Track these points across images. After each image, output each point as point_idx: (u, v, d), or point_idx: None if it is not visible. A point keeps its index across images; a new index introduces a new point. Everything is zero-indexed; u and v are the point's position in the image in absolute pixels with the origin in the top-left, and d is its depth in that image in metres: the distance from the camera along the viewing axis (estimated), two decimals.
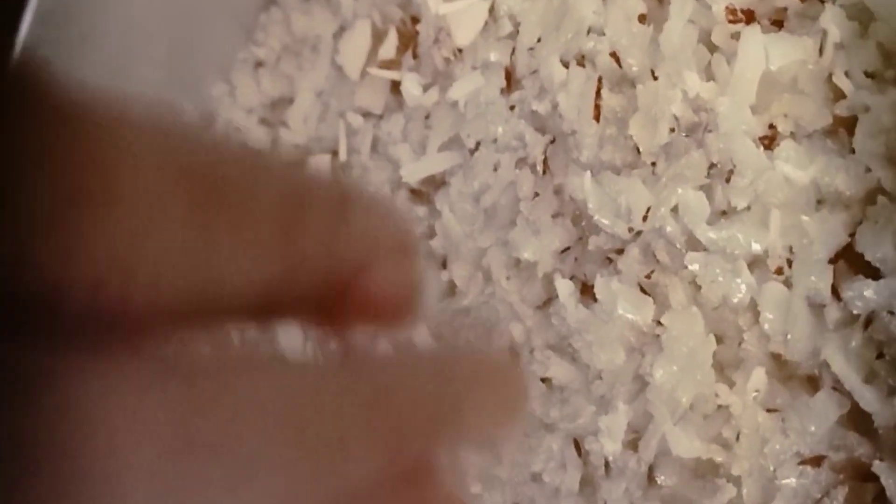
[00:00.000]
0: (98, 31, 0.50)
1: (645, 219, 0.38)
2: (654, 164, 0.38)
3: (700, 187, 0.36)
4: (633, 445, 0.37)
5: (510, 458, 0.41)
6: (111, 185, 0.11)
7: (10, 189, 0.10)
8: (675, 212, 0.37)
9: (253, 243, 0.12)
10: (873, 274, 0.33)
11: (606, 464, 0.38)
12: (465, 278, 0.44)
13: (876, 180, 0.33)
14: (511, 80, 0.44)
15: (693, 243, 0.36)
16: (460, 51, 0.46)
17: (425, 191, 0.48)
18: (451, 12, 0.46)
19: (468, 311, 0.44)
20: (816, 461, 0.33)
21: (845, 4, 0.35)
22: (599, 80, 0.40)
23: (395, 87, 0.50)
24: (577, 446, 0.39)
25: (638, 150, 0.39)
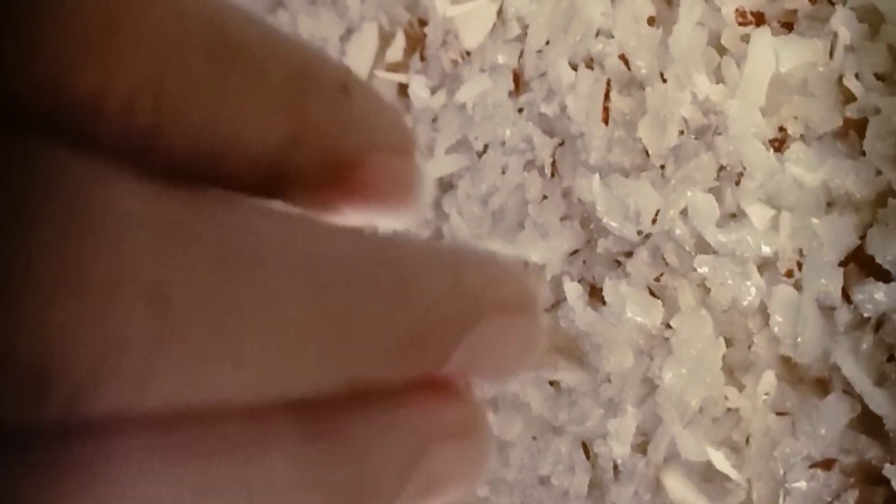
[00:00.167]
0: None
1: (654, 221, 0.37)
2: (662, 167, 0.38)
3: (709, 190, 0.36)
4: (641, 448, 0.37)
5: (518, 460, 0.41)
6: (138, 18, 0.12)
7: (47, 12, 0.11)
8: (684, 214, 0.37)
9: (262, 107, 0.13)
10: (884, 276, 0.33)
11: (615, 467, 0.38)
12: None
13: (886, 182, 0.33)
14: (519, 83, 0.44)
15: (702, 246, 0.36)
16: (468, 53, 0.46)
17: (433, 194, 0.48)
18: (458, 15, 0.46)
19: None
20: (827, 464, 0.32)
21: (855, 6, 0.35)
22: (608, 82, 0.40)
23: (403, 89, 0.50)
24: (586, 449, 0.39)
25: (647, 152, 0.39)
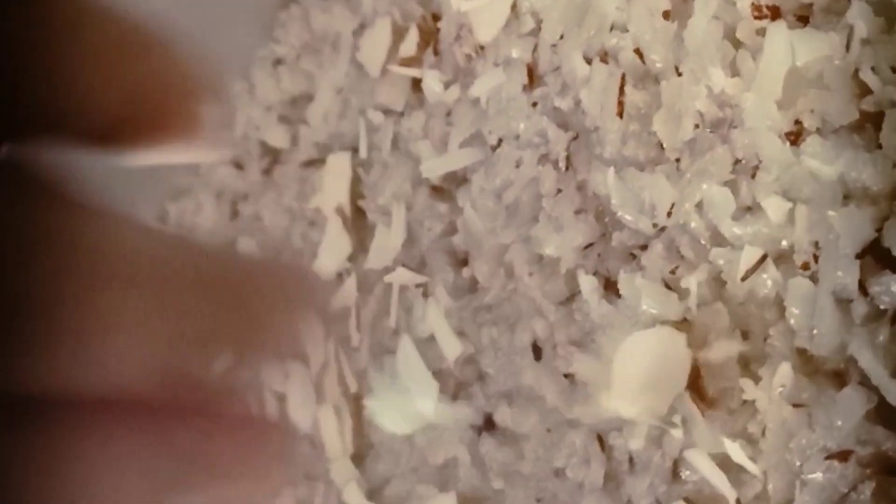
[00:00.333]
0: None
1: (669, 214, 0.38)
2: (678, 160, 0.38)
3: (725, 183, 0.36)
4: (657, 440, 0.37)
5: (533, 453, 0.41)
6: None
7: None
8: (699, 207, 0.37)
9: (94, 73, 0.14)
10: None
11: (630, 459, 0.38)
12: (487, 274, 0.44)
13: None
14: (533, 77, 0.44)
15: (718, 239, 0.36)
16: (482, 47, 0.47)
17: (447, 187, 0.48)
18: (472, 9, 0.46)
19: (490, 308, 0.44)
20: (843, 456, 0.33)
21: (871, 0, 0.35)
22: (623, 76, 0.40)
23: (416, 84, 0.50)
24: (601, 441, 0.39)
25: (662, 145, 0.39)
